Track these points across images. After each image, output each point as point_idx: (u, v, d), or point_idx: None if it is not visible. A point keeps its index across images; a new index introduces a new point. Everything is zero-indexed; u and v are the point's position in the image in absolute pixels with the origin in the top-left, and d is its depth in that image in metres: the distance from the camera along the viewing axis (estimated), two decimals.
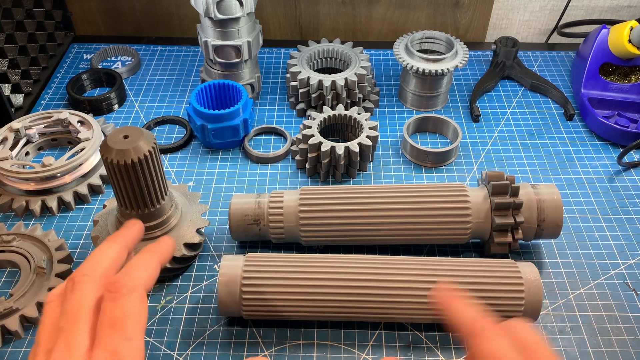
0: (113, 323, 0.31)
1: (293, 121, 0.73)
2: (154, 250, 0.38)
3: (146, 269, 0.35)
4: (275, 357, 0.48)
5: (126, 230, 0.41)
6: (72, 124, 0.65)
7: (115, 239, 0.38)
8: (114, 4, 0.87)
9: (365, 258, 0.50)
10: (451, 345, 0.49)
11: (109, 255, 0.36)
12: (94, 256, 0.36)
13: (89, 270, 0.34)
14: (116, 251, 0.37)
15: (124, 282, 0.33)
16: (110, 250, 0.37)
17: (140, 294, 0.33)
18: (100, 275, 0.34)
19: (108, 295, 0.32)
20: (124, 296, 0.32)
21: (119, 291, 0.32)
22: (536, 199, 0.53)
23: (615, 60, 0.73)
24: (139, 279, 0.34)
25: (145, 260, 0.36)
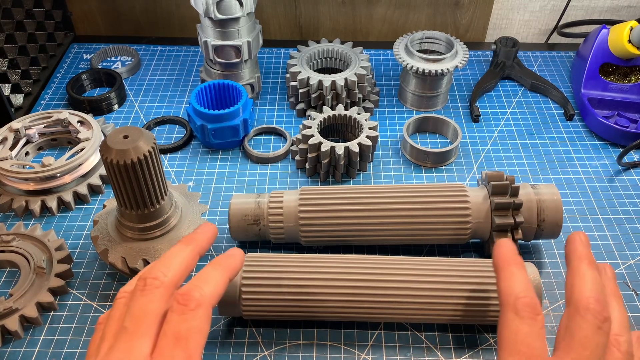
0: (177, 337, 0.31)
1: (293, 121, 0.73)
2: (226, 265, 0.38)
3: (215, 285, 0.35)
4: (275, 357, 0.48)
5: (201, 234, 0.40)
6: (72, 124, 0.65)
7: (189, 242, 0.38)
8: (114, 4, 0.87)
9: (365, 258, 0.50)
10: (451, 345, 0.49)
11: (181, 259, 0.36)
12: (167, 258, 0.36)
13: (161, 274, 0.34)
14: (189, 256, 0.37)
15: (193, 295, 0.33)
16: (184, 254, 0.37)
17: (206, 310, 0.33)
18: (170, 282, 0.34)
19: (176, 306, 0.32)
20: (192, 311, 0.32)
21: (187, 305, 0.32)
22: (536, 199, 0.53)
23: (615, 61, 0.73)
24: (207, 295, 0.34)
25: (216, 275, 0.36)
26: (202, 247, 0.39)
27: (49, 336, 0.50)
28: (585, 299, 0.34)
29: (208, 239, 0.40)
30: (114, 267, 0.52)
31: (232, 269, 0.38)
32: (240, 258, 0.40)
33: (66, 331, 0.50)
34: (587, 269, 0.36)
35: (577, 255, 0.37)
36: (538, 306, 0.34)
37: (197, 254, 0.38)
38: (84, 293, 0.53)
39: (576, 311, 0.34)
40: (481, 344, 0.49)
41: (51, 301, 0.51)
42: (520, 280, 0.36)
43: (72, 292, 0.53)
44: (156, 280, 0.33)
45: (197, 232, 0.40)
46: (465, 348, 0.49)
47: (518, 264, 0.38)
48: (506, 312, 0.35)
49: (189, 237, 0.39)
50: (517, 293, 0.35)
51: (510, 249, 0.39)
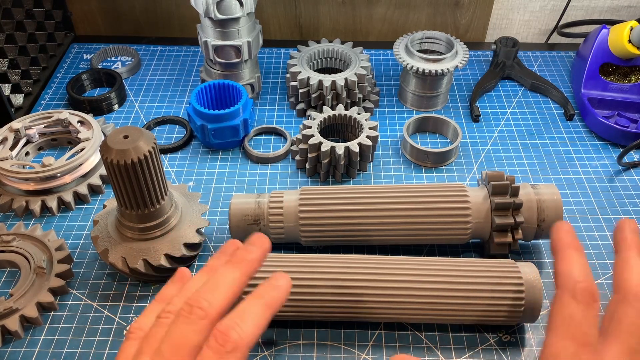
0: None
1: (293, 121, 0.73)
2: (269, 299, 0.35)
3: (255, 325, 0.33)
4: (275, 357, 0.48)
5: (253, 253, 0.37)
6: (72, 124, 0.65)
7: (241, 265, 0.36)
8: (114, 4, 0.87)
9: (365, 258, 0.50)
10: (451, 345, 0.49)
11: (230, 286, 0.34)
12: (215, 284, 0.34)
13: (207, 303, 0.33)
14: (239, 282, 0.35)
15: (232, 336, 0.31)
16: (232, 279, 0.35)
17: (242, 354, 0.32)
18: (216, 313, 0.33)
19: (213, 344, 0.31)
20: (228, 353, 0.31)
21: (225, 346, 0.31)
22: (536, 199, 0.53)
23: (615, 60, 0.73)
24: (246, 336, 0.32)
25: (258, 312, 0.34)
26: (253, 269, 0.36)
27: (49, 336, 0.50)
28: (635, 287, 0.34)
29: (260, 258, 0.37)
30: (114, 267, 0.52)
31: (276, 304, 0.35)
32: (285, 289, 0.36)
33: (66, 331, 0.50)
34: (635, 258, 0.36)
35: (627, 244, 0.37)
36: (596, 293, 0.34)
37: (247, 278, 0.36)
38: (84, 293, 0.53)
39: (624, 298, 0.33)
40: (481, 344, 0.49)
41: (51, 301, 0.51)
42: (580, 265, 0.35)
43: (72, 292, 0.53)
44: (202, 311, 0.32)
45: (249, 250, 0.37)
46: (465, 348, 0.49)
47: (578, 248, 0.37)
48: (563, 295, 0.34)
49: (240, 257, 0.36)
50: (576, 277, 0.34)
51: (570, 232, 0.38)
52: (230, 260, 0.36)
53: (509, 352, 0.49)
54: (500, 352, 0.49)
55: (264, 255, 0.38)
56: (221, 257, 0.39)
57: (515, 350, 0.49)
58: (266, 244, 0.38)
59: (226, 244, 0.40)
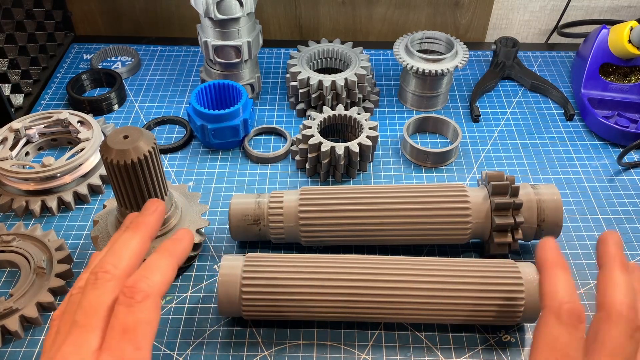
0: (124, 330, 0.31)
1: (293, 121, 0.73)
2: (173, 250, 0.37)
3: (163, 273, 0.35)
4: (275, 357, 0.48)
5: (149, 215, 0.39)
6: (72, 124, 0.65)
7: (138, 229, 0.37)
8: (114, 4, 0.87)
9: (365, 258, 0.50)
10: (451, 345, 0.49)
11: (132, 249, 0.36)
12: (118, 249, 0.35)
13: (112, 266, 0.34)
14: (139, 244, 0.37)
15: (140, 287, 0.32)
16: (134, 242, 0.36)
17: (154, 301, 0.33)
18: (122, 274, 0.34)
19: (123, 299, 0.32)
20: (139, 303, 0.32)
21: (134, 297, 0.32)
22: (536, 199, 0.53)
23: (615, 61, 0.73)
24: (155, 284, 0.33)
25: (163, 262, 0.36)
26: (152, 231, 0.38)
27: None
28: (618, 305, 0.33)
29: (157, 220, 0.39)
30: None
31: (180, 254, 0.37)
32: (188, 241, 0.39)
33: None
34: (619, 273, 0.34)
35: (610, 258, 0.36)
36: (582, 314, 0.33)
37: (148, 238, 0.37)
38: None
39: (608, 317, 0.32)
40: (481, 344, 0.49)
41: (51, 301, 0.51)
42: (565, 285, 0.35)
43: None
44: (107, 274, 0.33)
45: (144, 214, 0.39)
46: (465, 348, 0.49)
47: (563, 267, 0.36)
48: (548, 316, 0.33)
49: (137, 222, 0.38)
50: (561, 298, 0.34)
51: (555, 250, 0.37)
52: (128, 227, 0.38)
53: (509, 352, 0.49)
54: (500, 352, 0.49)
55: (161, 217, 0.40)
56: (121, 228, 0.40)
57: (515, 350, 0.49)
58: (160, 206, 0.40)
59: (125, 218, 0.41)
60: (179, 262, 0.37)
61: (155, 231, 0.39)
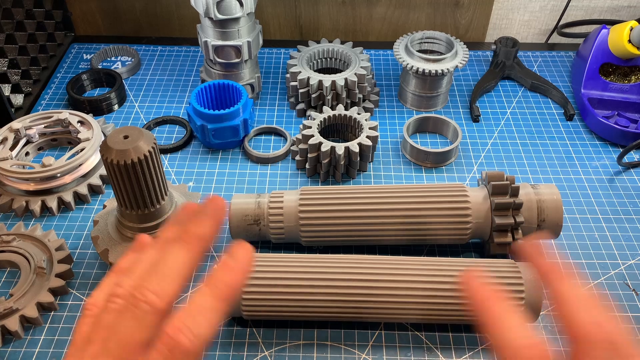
0: None
1: (293, 121, 0.73)
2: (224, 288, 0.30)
3: (209, 324, 0.28)
4: (275, 357, 0.48)
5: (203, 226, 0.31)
6: (72, 124, 0.65)
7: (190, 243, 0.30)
8: (114, 4, 0.87)
9: (365, 258, 0.50)
10: (451, 345, 0.49)
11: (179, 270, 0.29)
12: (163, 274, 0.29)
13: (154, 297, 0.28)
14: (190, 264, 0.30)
15: (182, 342, 0.27)
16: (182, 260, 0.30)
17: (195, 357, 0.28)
18: (163, 308, 0.28)
19: (162, 348, 0.27)
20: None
21: (173, 352, 0.27)
22: (536, 199, 0.53)
23: (615, 61, 0.73)
24: (198, 340, 0.28)
25: (212, 308, 0.29)
26: (205, 247, 0.31)
27: (49, 336, 0.50)
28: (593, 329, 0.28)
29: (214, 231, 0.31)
30: None
31: (232, 290, 0.30)
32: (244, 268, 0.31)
33: (66, 331, 0.50)
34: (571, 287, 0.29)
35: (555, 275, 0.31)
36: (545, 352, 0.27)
37: (199, 256, 0.30)
38: (84, 293, 0.53)
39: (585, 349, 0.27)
40: (481, 344, 0.49)
41: (51, 301, 0.51)
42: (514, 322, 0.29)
43: (72, 292, 0.53)
44: (147, 306, 0.28)
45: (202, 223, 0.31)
46: (465, 348, 0.49)
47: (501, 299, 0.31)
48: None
49: (191, 234, 0.31)
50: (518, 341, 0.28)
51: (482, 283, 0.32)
52: (181, 238, 0.31)
53: None
54: None
55: (219, 227, 0.32)
56: (173, 228, 0.32)
57: None
58: (220, 212, 0.32)
59: (182, 210, 0.33)
60: (230, 302, 0.30)
61: (211, 242, 0.31)
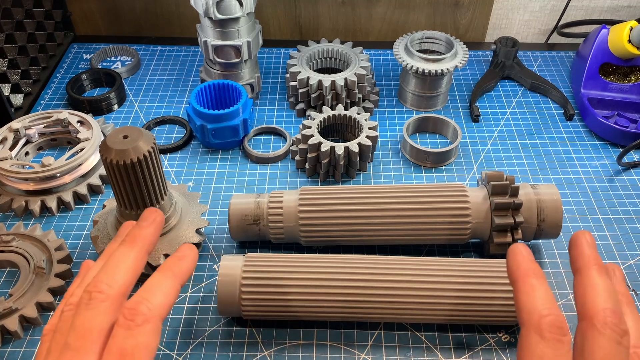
0: (122, 354, 0.30)
1: (293, 121, 0.73)
2: (177, 270, 0.35)
3: (164, 296, 0.33)
4: (275, 357, 0.48)
5: (146, 227, 0.36)
6: (72, 124, 0.65)
7: (135, 243, 0.35)
8: (114, 4, 0.87)
9: (365, 258, 0.50)
10: (451, 345, 0.49)
11: (128, 266, 0.33)
12: (112, 266, 0.33)
13: (106, 286, 0.32)
14: (136, 259, 0.34)
15: (141, 310, 0.31)
16: (130, 258, 0.34)
17: (155, 325, 0.31)
18: (117, 294, 0.32)
19: (122, 321, 0.30)
20: (138, 327, 0.30)
21: (134, 320, 0.30)
22: (536, 199, 0.53)
23: (615, 60, 0.73)
24: (155, 307, 0.31)
25: (165, 283, 0.33)
26: (149, 245, 0.35)
27: None
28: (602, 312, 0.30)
29: (154, 233, 0.36)
30: None
31: (183, 274, 0.35)
32: (192, 259, 0.36)
33: None
34: (597, 276, 0.32)
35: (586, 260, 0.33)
36: (565, 325, 0.30)
37: (144, 254, 0.35)
38: None
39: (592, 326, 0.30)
40: (481, 344, 0.49)
41: (51, 301, 0.51)
42: (542, 295, 0.31)
43: None
44: (101, 294, 0.31)
45: (142, 225, 0.36)
46: (465, 348, 0.49)
47: (537, 274, 0.33)
48: (529, 333, 0.30)
49: (134, 235, 0.35)
50: (541, 310, 0.31)
51: (527, 257, 0.34)
52: (124, 240, 0.35)
53: (508, 352, 0.49)
54: (500, 352, 0.49)
55: (159, 229, 0.37)
56: (117, 239, 0.38)
57: (515, 351, 0.49)
58: (158, 217, 0.37)
59: (121, 228, 0.39)
60: (182, 282, 0.35)
61: (153, 244, 0.36)
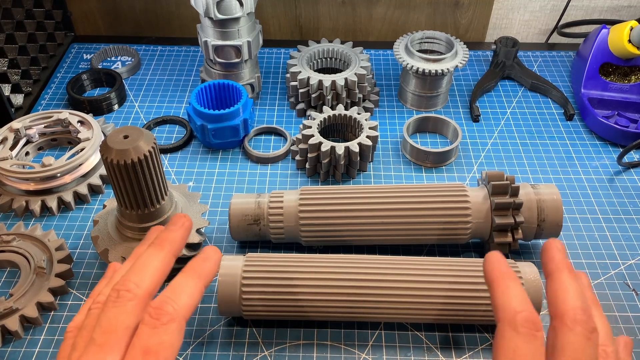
0: (146, 351, 0.30)
1: (293, 121, 0.73)
2: (201, 271, 0.36)
3: (189, 296, 0.34)
4: (275, 357, 0.48)
5: (174, 231, 0.37)
6: (72, 124, 0.65)
7: (163, 245, 0.36)
8: (114, 4, 0.87)
9: (365, 258, 0.50)
10: (451, 345, 0.49)
11: (156, 267, 0.35)
12: (141, 266, 0.34)
13: (134, 285, 0.33)
14: (164, 261, 0.35)
15: (166, 310, 0.32)
16: (158, 260, 0.35)
17: (179, 324, 0.32)
18: (144, 294, 0.33)
19: (148, 319, 0.31)
20: (163, 325, 0.31)
21: (160, 319, 0.31)
22: (536, 199, 0.53)
23: (615, 60, 0.73)
24: (181, 308, 0.32)
25: (190, 284, 0.34)
26: (177, 249, 0.37)
27: (49, 336, 0.50)
28: (572, 310, 0.32)
29: (182, 237, 0.38)
30: None
31: (207, 275, 0.36)
32: (216, 260, 0.37)
33: None
34: (568, 278, 0.34)
35: (556, 265, 0.36)
36: (538, 321, 0.32)
37: (172, 256, 0.36)
38: (84, 293, 0.53)
39: (563, 324, 0.32)
40: (481, 344, 0.49)
41: (51, 301, 0.51)
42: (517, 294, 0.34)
43: (72, 292, 0.53)
44: (129, 293, 0.32)
45: (170, 229, 0.37)
46: (465, 348, 0.49)
47: (512, 277, 0.35)
48: (504, 328, 0.32)
49: (162, 238, 0.36)
50: (515, 307, 0.33)
51: (501, 262, 0.37)
52: (153, 243, 0.36)
53: None
54: None
55: (187, 233, 0.38)
56: (145, 243, 0.39)
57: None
58: (187, 222, 0.38)
59: (149, 232, 0.41)
60: (206, 284, 0.36)
61: (181, 248, 0.37)
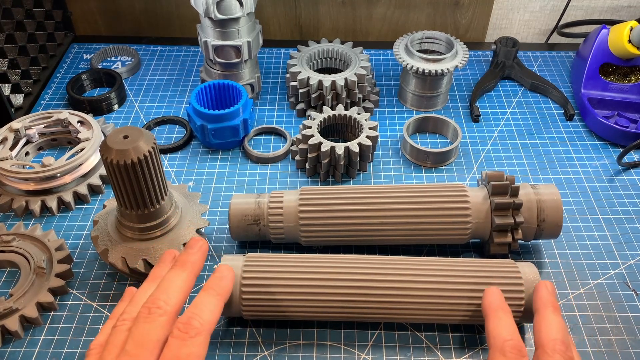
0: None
1: (293, 121, 0.73)
2: (220, 289, 0.40)
3: (212, 312, 0.38)
4: (275, 357, 0.48)
5: (194, 254, 0.41)
6: (72, 124, 0.65)
7: (185, 267, 0.40)
8: (114, 4, 0.87)
9: (365, 258, 0.50)
10: (451, 345, 0.49)
11: (181, 287, 0.38)
12: (167, 286, 0.38)
13: (164, 303, 0.36)
14: (187, 281, 0.39)
15: (194, 324, 0.35)
16: (182, 280, 0.39)
17: (205, 338, 0.36)
18: (172, 310, 0.36)
19: (177, 333, 0.35)
20: (191, 338, 0.35)
21: (188, 332, 0.35)
22: (536, 199, 0.53)
23: (615, 61, 0.73)
24: (206, 322, 0.36)
25: (212, 301, 0.39)
26: (197, 269, 0.41)
27: (49, 336, 0.50)
28: (552, 341, 0.39)
29: (202, 259, 0.41)
30: (114, 267, 0.52)
31: (225, 292, 0.41)
32: (230, 278, 0.42)
33: (66, 331, 0.50)
34: (552, 315, 0.41)
35: (543, 302, 0.43)
36: (524, 349, 0.38)
37: (194, 277, 0.40)
38: (84, 293, 0.53)
39: (544, 352, 0.38)
40: (481, 344, 0.49)
41: (51, 301, 0.51)
42: (506, 324, 0.40)
43: (72, 292, 0.53)
44: (159, 309, 0.36)
45: (190, 252, 0.41)
46: (465, 348, 0.49)
47: (505, 310, 0.42)
48: (494, 353, 0.39)
49: (184, 260, 0.40)
50: (504, 336, 0.39)
51: (497, 296, 0.44)
52: (175, 265, 0.40)
53: None
54: None
55: (205, 255, 0.42)
56: (162, 265, 0.43)
57: None
58: (204, 246, 0.42)
59: (163, 255, 0.44)
60: (225, 300, 0.40)
61: (200, 269, 0.41)
